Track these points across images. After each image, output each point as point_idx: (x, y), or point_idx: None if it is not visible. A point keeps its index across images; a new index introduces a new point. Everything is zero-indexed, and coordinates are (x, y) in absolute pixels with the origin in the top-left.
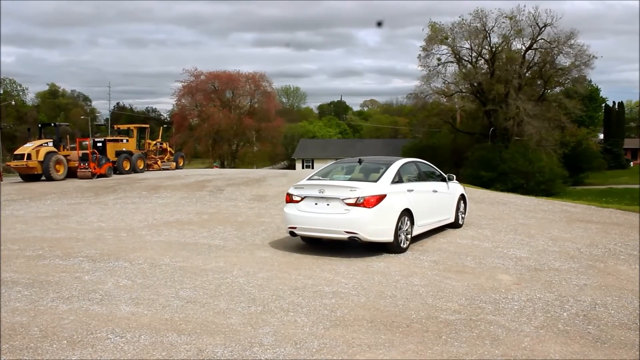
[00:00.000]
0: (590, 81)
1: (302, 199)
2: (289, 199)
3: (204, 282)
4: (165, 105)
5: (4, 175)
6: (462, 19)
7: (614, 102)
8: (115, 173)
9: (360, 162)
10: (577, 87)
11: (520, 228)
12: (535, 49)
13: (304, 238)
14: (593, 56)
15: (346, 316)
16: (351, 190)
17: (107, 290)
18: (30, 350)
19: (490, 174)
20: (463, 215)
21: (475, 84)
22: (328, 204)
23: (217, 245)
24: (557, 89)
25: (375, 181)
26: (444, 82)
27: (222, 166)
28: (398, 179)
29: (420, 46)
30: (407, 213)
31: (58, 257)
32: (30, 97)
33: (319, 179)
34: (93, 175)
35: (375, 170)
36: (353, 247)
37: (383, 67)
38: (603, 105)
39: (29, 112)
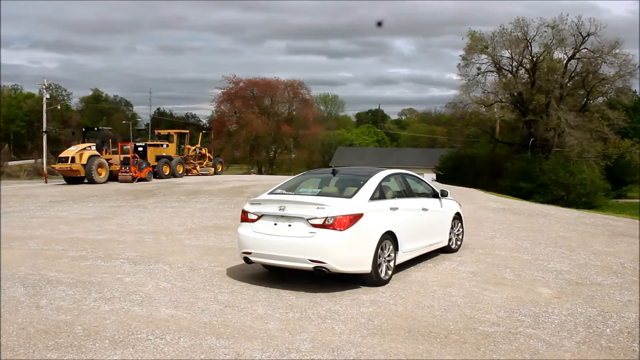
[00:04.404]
0: (635, 92)
1: (259, 217)
2: (244, 217)
3: (242, 287)
4: (204, 111)
5: (49, 177)
6: (503, 28)
7: None
8: (155, 177)
9: (334, 173)
10: (621, 97)
11: (560, 241)
12: (578, 59)
13: (265, 265)
14: (639, 66)
15: (384, 325)
16: (318, 208)
17: (148, 292)
18: (74, 348)
19: (529, 185)
20: (459, 238)
21: (516, 94)
22: (290, 225)
23: None
24: (600, 100)
25: (350, 197)
26: (483, 92)
27: (260, 172)
28: (379, 195)
29: (460, 55)
30: (389, 236)
31: (100, 259)
32: (74, 102)
33: (282, 193)
34: (133, 179)
35: (351, 183)
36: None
37: (419, 76)
38: None
39: (73, 116)
